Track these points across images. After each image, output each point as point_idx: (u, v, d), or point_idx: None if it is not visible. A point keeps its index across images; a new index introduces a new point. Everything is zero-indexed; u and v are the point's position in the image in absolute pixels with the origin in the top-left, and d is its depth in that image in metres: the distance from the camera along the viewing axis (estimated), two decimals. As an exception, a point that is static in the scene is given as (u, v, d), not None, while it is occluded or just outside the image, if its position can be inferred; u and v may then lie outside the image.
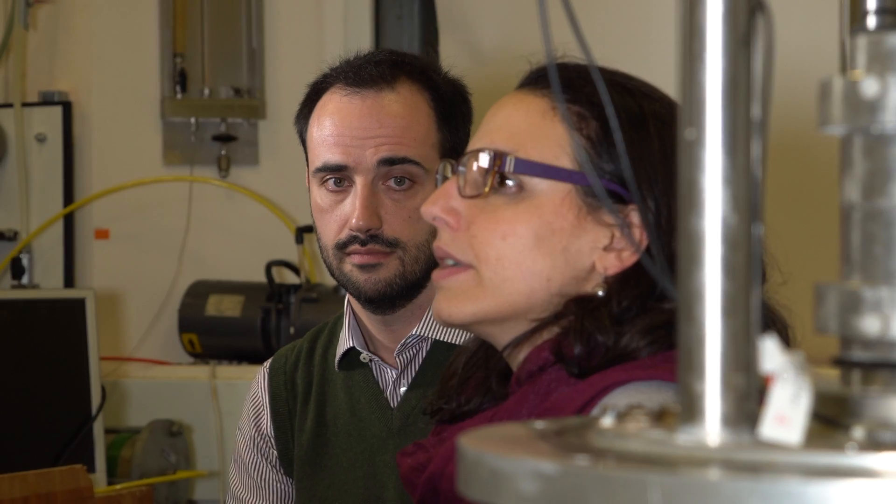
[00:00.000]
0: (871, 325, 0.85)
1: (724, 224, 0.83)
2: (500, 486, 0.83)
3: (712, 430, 0.83)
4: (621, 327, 1.48)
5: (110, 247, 3.96)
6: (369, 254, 2.09)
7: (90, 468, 3.07)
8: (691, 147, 0.84)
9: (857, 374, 0.87)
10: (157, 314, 3.92)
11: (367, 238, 2.08)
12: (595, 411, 1.28)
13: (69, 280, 3.89)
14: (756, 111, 0.85)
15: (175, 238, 3.95)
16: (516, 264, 1.51)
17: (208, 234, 3.98)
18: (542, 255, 1.51)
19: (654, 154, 1.52)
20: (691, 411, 0.83)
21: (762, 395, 0.84)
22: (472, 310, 1.53)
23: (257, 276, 3.76)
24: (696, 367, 0.83)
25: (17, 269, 3.83)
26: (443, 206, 1.55)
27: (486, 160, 1.53)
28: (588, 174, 1.51)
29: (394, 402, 2.15)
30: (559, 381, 1.48)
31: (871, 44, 0.87)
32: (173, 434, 3.44)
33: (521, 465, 0.82)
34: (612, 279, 1.51)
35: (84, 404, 3.14)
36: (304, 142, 2.18)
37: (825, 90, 0.87)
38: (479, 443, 0.87)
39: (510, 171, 1.52)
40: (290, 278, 3.84)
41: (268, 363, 2.30)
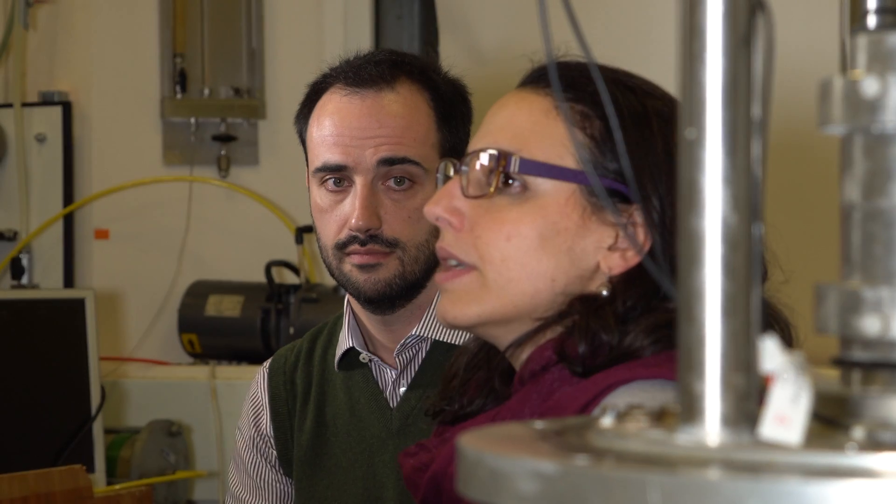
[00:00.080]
0: (871, 325, 0.85)
1: (724, 224, 0.83)
2: (499, 485, 0.83)
3: (712, 430, 0.82)
4: (625, 326, 1.47)
5: (110, 247, 3.96)
6: (369, 254, 2.09)
7: (89, 468, 3.07)
8: (691, 147, 0.84)
9: (857, 375, 0.87)
10: (157, 314, 3.92)
11: (367, 238, 2.08)
12: (596, 411, 1.28)
13: (69, 280, 3.89)
14: (756, 111, 0.85)
15: (175, 238, 3.95)
16: (521, 265, 1.50)
17: (208, 235, 3.98)
18: (547, 256, 1.50)
19: (658, 152, 1.51)
20: (691, 411, 0.83)
21: (762, 395, 0.84)
22: (476, 311, 1.52)
23: (257, 276, 3.75)
24: (695, 367, 0.83)
25: (16, 269, 3.82)
26: (446, 206, 1.54)
27: (490, 160, 1.52)
28: (589, 175, 1.50)
29: (393, 403, 2.15)
30: (562, 381, 1.47)
31: (871, 43, 0.87)
32: (173, 434, 3.44)
33: (521, 465, 0.82)
34: (617, 279, 1.51)
35: (83, 404, 3.14)
36: (303, 142, 2.18)
37: (825, 90, 0.87)
38: (478, 442, 0.86)
39: (515, 171, 1.51)
40: (289, 278, 3.84)
41: (267, 363, 2.30)
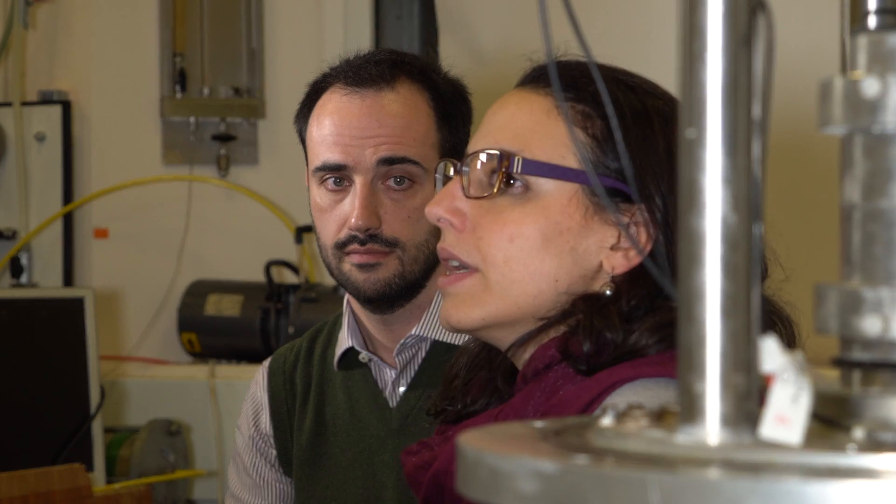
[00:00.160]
0: (871, 325, 0.85)
1: (724, 224, 0.83)
2: (499, 485, 0.83)
3: (712, 429, 0.82)
4: (630, 325, 1.47)
5: (109, 246, 3.96)
6: (368, 253, 2.09)
7: (89, 467, 3.07)
8: (691, 147, 0.84)
9: (857, 375, 0.87)
10: (157, 313, 3.92)
11: (367, 238, 2.08)
12: (597, 410, 1.28)
13: (68, 279, 3.89)
14: (756, 111, 0.85)
15: (174, 237, 3.95)
16: (524, 266, 1.50)
17: (208, 234, 3.98)
18: (550, 256, 1.50)
19: (660, 151, 1.51)
20: (691, 411, 0.83)
21: (763, 395, 0.84)
22: (480, 314, 1.52)
23: (256, 275, 3.75)
24: (696, 366, 0.83)
25: (16, 268, 3.82)
26: (447, 206, 1.54)
27: (492, 160, 1.52)
28: (590, 176, 1.50)
29: (393, 402, 2.15)
30: (565, 379, 1.47)
31: (871, 44, 0.87)
32: (172, 433, 3.44)
33: (521, 465, 0.82)
34: (621, 278, 1.51)
35: (83, 403, 3.14)
36: (303, 141, 2.18)
37: (826, 90, 0.87)
38: (478, 442, 0.86)
39: (517, 171, 1.50)
40: (289, 278, 3.83)
41: (267, 362, 2.30)
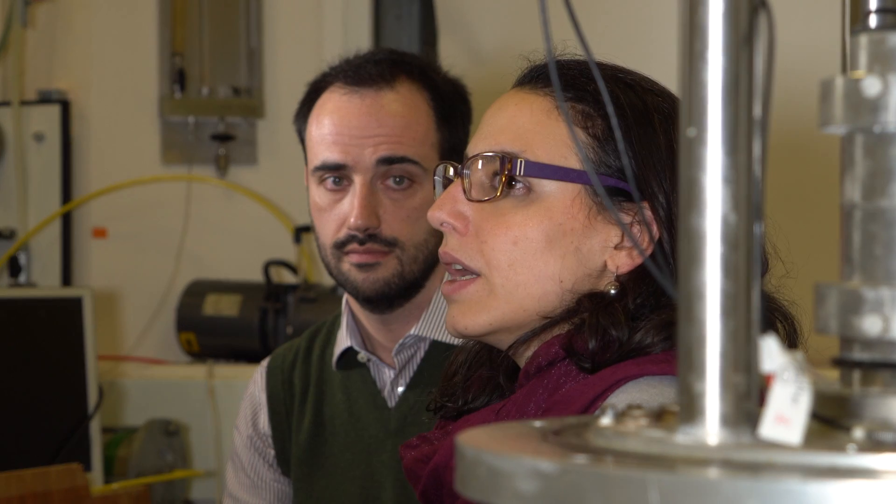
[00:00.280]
0: (871, 325, 0.85)
1: (725, 223, 0.83)
2: (498, 485, 0.82)
3: (712, 429, 0.82)
4: (635, 323, 1.47)
5: (108, 246, 3.96)
6: (367, 253, 2.09)
7: (87, 467, 3.07)
8: (692, 145, 0.84)
9: (857, 375, 0.87)
10: (155, 313, 3.92)
11: (366, 237, 2.08)
12: (598, 409, 1.28)
13: (67, 279, 3.89)
14: (757, 110, 0.85)
15: (173, 237, 3.94)
16: (528, 268, 1.50)
17: (206, 234, 3.97)
18: (554, 257, 1.50)
19: (661, 149, 1.51)
20: (691, 411, 0.83)
21: (763, 395, 0.83)
22: (486, 320, 1.52)
23: (255, 275, 3.75)
24: (696, 366, 0.83)
25: (14, 267, 3.82)
26: (450, 210, 1.53)
27: (494, 163, 1.51)
28: (591, 178, 1.50)
29: (391, 402, 2.14)
30: (568, 376, 1.47)
31: (872, 43, 0.87)
32: (170, 433, 3.43)
33: (520, 464, 0.81)
34: (626, 276, 1.50)
35: (81, 403, 3.14)
36: (303, 140, 2.18)
37: (826, 90, 0.87)
38: (477, 441, 0.86)
39: (520, 174, 1.50)
40: (287, 278, 3.83)
41: (265, 362, 2.29)
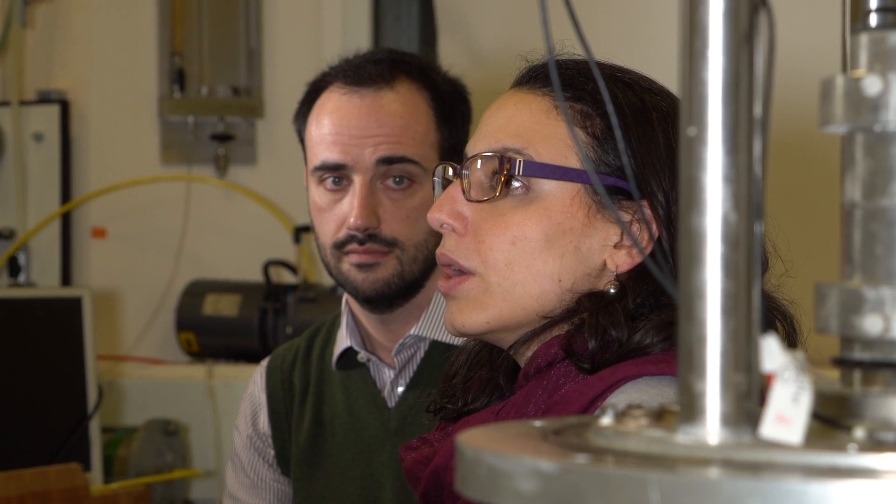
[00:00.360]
0: (872, 324, 0.85)
1: (725, 222, 0.83)
2: (498, 484, 0.82)
3: (712, 429, 0.82)
4: (635, 323, 1.47)
5: (107, 245, 3.95)
6: (367, 253, 2.09)
7: (86, 467, 3.07)
8: (692, 145, 0.84)
9: (858, 374, 0.87)
10: (154, 313, 3.92)
11: (366, 237, 2.08)
12: (598, 410, 1.28)
13: (66, 279, 3.89)
14: (757, 109, 0.84)
15: (172, 237, 3.94)
16: (526, 267, 1.49)
17: (206, 234, 3.97)
18: (553, 257, 1.50)
19: (660, 147, 1.51)
20: (691, 410, 0.83)
21: (763, 395, 0.83)
22: (485, 318, 1.51)
23: (255, 275, 3.75)
24: (696, 366, 0.83)
25: (13, 267, 3.82)
26: (449, 211, 1.53)
27: (493, 163, 1.51)
28: (591, 177, 1.50)
29: (391, 402, 2.14)
30: (567, 377, 1.47)
31: (872, 42, 0.87)
32: (170, 433, 3.43)
33: (520, 464, 0.81)
34: (625, 276, 1.50)
35: (80, 403, 3.13)
36: (302, 140, 2.18)
37: (827, 89, 0.87)
38: (477, 441, 0.86)
39: (519, 173, 1.50)
40: (287, 278, 3.83)
41: (265, 362, 2.29)
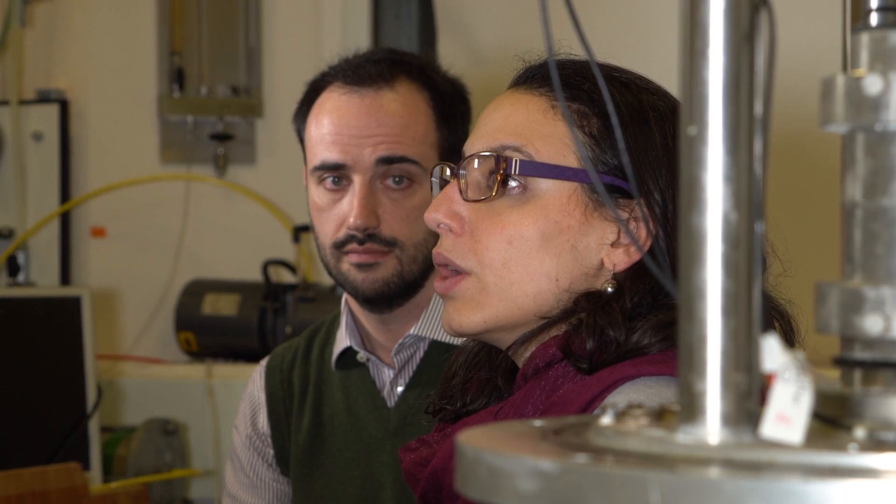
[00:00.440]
0: (872, 324, 0.85)
1: (726, 222, 0.83)
2: (498, 484, 0.82)
3: (713, 429, 0.82)
4: (633, 323, 1.47)
5: (106, 245, 3.95)
6: (367, 253, 2.08)
7: (85, 466, 3.06)
8: (693, 144, 0.84)
9: (858, 374, 0.87)
10: (154, 313, 3.92)
11: (365, 237, 2.08)
12: (598, 409, 1.27)
13: (65, 278, 3.88)
14: (758, 108, 0.84)
15: (172, 236, 3.94)
16: (523, 266, 1.49)
17: (205, 233, 3.97)
18: (550, 256, 1.49)
19: (657, 147, 1.51)
20: (692, 410, 0.83)
21: (764, 394, 0.83)
22: (482, 317, 1.51)
23: (254, 274, 3.75)
24: (696, 365, 0.83)
25: (13, 266, 3.82)
26: (446, 211, 1.53)
27: (489, 162, 1.51)
28: (591, 175, 1.49)
29: (391, 402, 2.14)
30: (566, 377, 1.47)
31: (873, 41, 0.87)
32: (169, 433, 3.43)
33: (520, 464, 0.81)
34: (623, 275, 1.50)
35: (79, 402, 3.13)
36: (302, 140, 2.18)
37: (828, 88, 0.87)
38: (477, 441, 0.86)
39: (516, 172, 1.50)
40: (286, 277, 3.83)
41: (264, 361, 2.29)
